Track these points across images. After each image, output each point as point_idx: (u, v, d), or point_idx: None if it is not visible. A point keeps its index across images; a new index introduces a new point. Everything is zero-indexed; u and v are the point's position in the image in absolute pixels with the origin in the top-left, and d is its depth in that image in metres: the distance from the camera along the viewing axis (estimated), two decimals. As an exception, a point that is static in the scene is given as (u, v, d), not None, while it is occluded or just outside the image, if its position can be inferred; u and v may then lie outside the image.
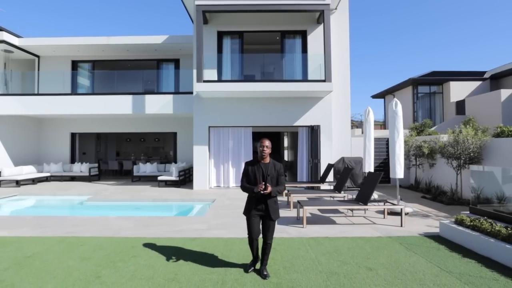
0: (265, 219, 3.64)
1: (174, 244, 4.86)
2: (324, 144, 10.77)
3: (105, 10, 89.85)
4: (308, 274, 3.71)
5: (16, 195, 10.07)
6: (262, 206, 3.61)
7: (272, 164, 3.65)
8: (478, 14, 70.14)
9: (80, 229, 5.80)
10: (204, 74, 10.15)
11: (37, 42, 13.08)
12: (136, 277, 3.62)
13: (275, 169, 3.63)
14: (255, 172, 3.61)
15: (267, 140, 3.65)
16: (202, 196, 9.67)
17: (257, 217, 3.65)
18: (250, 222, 3.66)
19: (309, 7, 10.07)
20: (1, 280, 3.56)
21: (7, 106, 12.10)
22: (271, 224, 3.64)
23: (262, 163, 3.65)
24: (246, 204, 3.75)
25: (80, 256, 4.32)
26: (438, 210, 7.39)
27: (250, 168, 3.66)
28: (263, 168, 3.61)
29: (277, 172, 3.63)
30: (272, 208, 3.60)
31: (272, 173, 3.59)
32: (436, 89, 18.68)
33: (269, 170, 3.59)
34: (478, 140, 7.96)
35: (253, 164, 3.68)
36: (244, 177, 3.70)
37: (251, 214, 3.64)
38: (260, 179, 3.56)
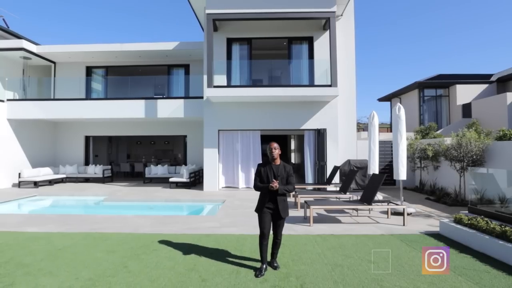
0: (275, 217, 3.91)
1: (190, 239, 5.25)
2: (330, 147, 11.08)
3: (118, 19, 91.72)
4: (315, 266, 4.06)
5: (36, 195, 10.61)
6: (272, 205, 3.89)
7: (282, 166, 3.96)
8: (485, 19, 69.75)
9: (102, 226, 6.24)
10: (214, 79, 10.58)
11: (53, 49, 13.71)
12: (159, 267, 4.02)
13: (285, 170, 3.94)
14: (267, 172, 3.92)
15: (275, 143, 3.98)
16: (212, 197, 10.07)
17: (268, 214, 3.92)
18: (262, 218, 3.93)
19: (316, 14, 10.46)
20: (39, 269, 4.00)
21: (26, 111, 12.72)
22: (281, 222, 3.94)
23: (274, 165, 3.96)
24: (258, 202, 4.03)
25: (106, 249, 4.74)
26: (441, 211, 7.65)
27: (263, 169, 3.97)
28: (274, 169, 3.92)
29: (287, 173, 3.94)
30: (282, 206, 3.89)
31: (282, 173, 3.90)
32: (442, 92, 18.80)
33: (280, 171, 3.91)
34: (480, 143, 8.20)
35: (265, 166, 4.00)
36: (257, 177, 4.01)
37: (263, 211, 3.93)
38: (271, 179, 3.86)
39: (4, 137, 12.39)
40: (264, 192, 3.94)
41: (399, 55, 77.82)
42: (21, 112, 12.71)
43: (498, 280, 3.60)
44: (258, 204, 4.05)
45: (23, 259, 4.36)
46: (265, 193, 3.92)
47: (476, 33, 69.13)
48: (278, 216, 3.90)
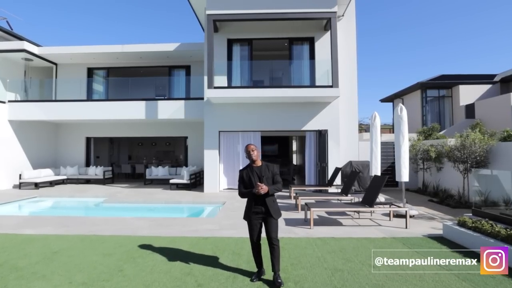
0: (267, 219, 3.63)
1: (188, 242, 5.17)
2: (331, 148, 10.97)
3: (118, 25, 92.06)
4: (314, 270, 3.96)
5: (36, 197, 10.58)
6: (261, 208, 3.61)
7: (265, 166, 3.68)
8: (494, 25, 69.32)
9: (100, 228, 6.17)
10: (214, 80, 10.52)
11: (55, 51, 13.73)
12: (155, 271, 3.94)
13: (268, 169, 3.66)
14: (250, 176, 3.65)
15: (252, 145, 3.72)
16: (212, 198, 9.99)
17: (258, 221, 3.66)
18: (251, 226, 3.69)
19: (316, 15, 10.38)
20: (33, 272, 3.93)
21: (27, 112, 12.72)
22: (273, 222, 3.61)
23: (255, 167, 3.69)
24: (245, 209, 3.76)
25: (103, 252, 4.67)
26: (444, 213, 7.52)
27: (245, 173, 3.72)
28: (256, 171, 3.65)
29: (271, 172, 3.66)
30: (272, 207, 3.61)
31: (267, 174, 3.63)
32: (445, 93, 18.66)
33: (263, 172, 3.63)
34: (484, 144, 8.07)
35: (246, 169, 3.75)
36: (240, 183, 3.75)
37: (251, 218, 3.67)
38: (255, 182, 3.58)
39: (5, 138, 12.39)
40: (250, 197, 3.68)
41: (404, 58, 77.53)
42: (23, 113, 12.71)
43: (504, 286, 3.49)
44: (245, 210, 3.76)
45: (17, 262, 4.30)
46: (251, 199, 3.66)
47: (486, 38, 68.66)
48: (270, 218, 3.62)
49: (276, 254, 3.59)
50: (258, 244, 3.76)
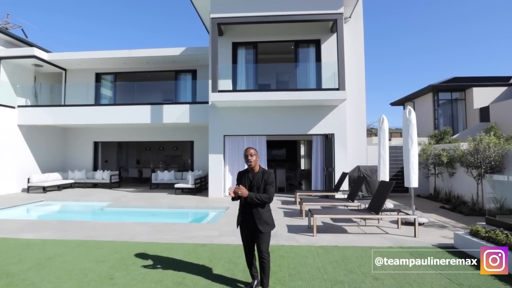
0: (255, 231, 3.40)
1: (184, 249, 5.01)
2: (338, 152, 10.68)
3: (125, 31, 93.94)
4: (313, 282, 3.73)
5: (42, 201, 10.65)
6: (248, 217, 3.42)
7: (260, 173, 3.47)
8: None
9: (99, 233, 6.08)
10: (219, 84, 10.41)
11: (64, 57, 13.94)
12: (146, 280, 3.78)
13: (262, 178, 3.42)
14: (243, 181, 3.49)
15: (252, 149, 3.50)
16: (216, 203, 9.83)
17: (246, 230, 3.48)
18: (241, 233, 3.57)
19: (322, 16, 10.19)
20: (23, 279, 3.83)
21: (37, 117, 12.90)
22: (261, 237, 3.35)
23: (251, 173, 3.51)
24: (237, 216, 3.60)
25: (96, 259, 4.55)
26: (457, 221, 7.15)
27: (240, 177, 3.57)
28: (250, 177, 3.48)
29: (264, 181, 3.41)
30: (258, 219, 3.34)
31: (259, 182, 3.41)
32: (458, 96, 18.08)
33: (256, 180, 3.43)
34: (500, 149, 7.67)
35: (243, 174, 3.58)
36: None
37: (241, 227, 3.54)
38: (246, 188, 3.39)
39: (15, 142, 12.57)
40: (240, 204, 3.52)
41: (415, 62, 76.26)
42: (32, 118, 12.89)
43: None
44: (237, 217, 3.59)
45: (10, 267, 4.22)
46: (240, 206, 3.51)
47: (499, 43, 66.82)
48: (257, 231, 3.36)
49: (265, 268, 3.37)
50: (250, 254, 3.56)
